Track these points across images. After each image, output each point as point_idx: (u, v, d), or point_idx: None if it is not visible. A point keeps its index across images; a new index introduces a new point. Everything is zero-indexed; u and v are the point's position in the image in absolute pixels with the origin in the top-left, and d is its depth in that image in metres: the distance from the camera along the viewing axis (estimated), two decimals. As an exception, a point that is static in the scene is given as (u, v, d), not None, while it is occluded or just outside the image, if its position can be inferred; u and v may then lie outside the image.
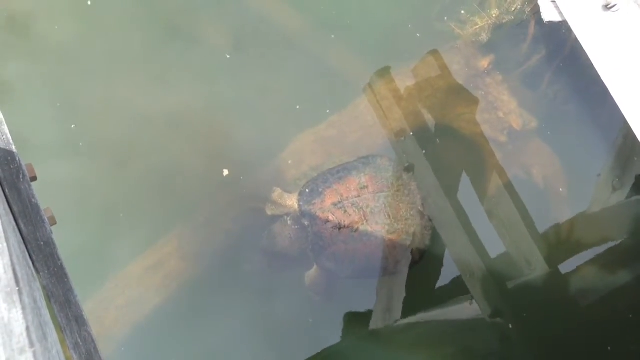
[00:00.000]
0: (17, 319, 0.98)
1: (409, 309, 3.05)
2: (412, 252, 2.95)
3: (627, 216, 3.20)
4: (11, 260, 1.10)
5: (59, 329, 1.66)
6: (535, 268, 3.09)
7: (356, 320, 3.04)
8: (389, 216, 2.90)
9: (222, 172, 2.99)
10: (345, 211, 2.85)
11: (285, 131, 3.12)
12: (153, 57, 3.20)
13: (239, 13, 3.27)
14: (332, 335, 2.99)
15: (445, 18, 3.22)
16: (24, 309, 1.01)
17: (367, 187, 2.92)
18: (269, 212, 2.98)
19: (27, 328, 0.99)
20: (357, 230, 2.84)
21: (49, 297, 1.66)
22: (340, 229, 2.83)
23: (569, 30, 2.46)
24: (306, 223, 2.88)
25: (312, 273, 2.95)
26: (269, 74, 3.22)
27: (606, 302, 3.09)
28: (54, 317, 1.64)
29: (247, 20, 3.27)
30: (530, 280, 3.08)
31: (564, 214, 3.15)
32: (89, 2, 3.08)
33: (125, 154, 3.07)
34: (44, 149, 3.01)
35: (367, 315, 3.05)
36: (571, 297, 3.11)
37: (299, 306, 3.01)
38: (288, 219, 2.94)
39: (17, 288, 1.03)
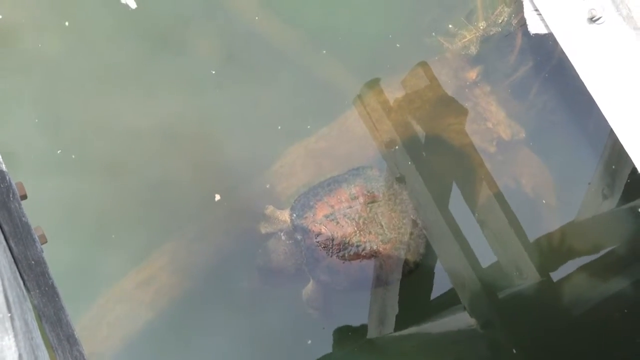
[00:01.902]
0: (9, 347, 0.96)
1: (402, 319, 3.05)
2: (406, 261, 2.95)
3: (618, 224, 3.22)
4: (2, 285, 1.09)
5: (50, 348, 1.64)
6: (527, 277, 3.10)
7: (351, 332, 3.03)
8: (382, 225, 2.90)
9: (214, 196, 2.99)
10: (338, 222, 2.86)
11: (275, 145, 3.13)
12: (142, 71, 3.20)
13: (229, 27, 3.28)
14: (326, 347, 2.98)
15: (433, 33, 3.26)
16: (16, 335, 0.99)
17: (357, 197, 2.92)
18: (262, 230, 2.98)
19: (20, 356, 0.97)
20: (350, 241, 2.85)
21: (40, 317, 1.64)
22: (333, 240, 2.84)
23: (555, 41, 2.49)
24: (299, 237, 2.88)
25: (308, 288, 2.94)
26: (259, 87, 3.23)
27: (599, 309, 3.11)
28: (44, 337, 1.63)
29: (237, 35, 3.28)
30: (522, 289, 3.09)
31: (554, 223, 3.17)
32: (67, 23, 3.08)
33: (114, 168, 3.06)
34: (32, 165, 2.99)
35: (361, 327, 3.05)
36: (564, 305, 3.12)
37: (295, 322, 3.00)
38: (282, 234, 2.94)
39: (9, 314, 1.01)
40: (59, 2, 3.19)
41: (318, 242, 2.84)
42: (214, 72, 3.17)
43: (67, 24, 3.12)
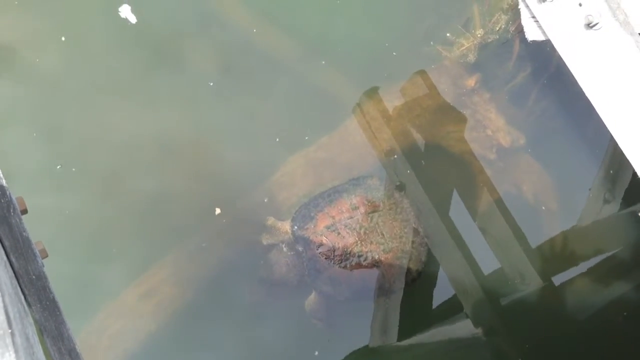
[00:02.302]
0: (10, 364, 0.96)
1: (405, 328, 3.04)
2: (409, 270, 2.94)
3: (619, 228, 3.22)
4: (3, 301, 1.08)
5: (52, 363, 1.64)
6: (529, 283, 3.10)
7: (354, 342, 3.02)
8: (383, 235, 2.90)
9: (215, 210, 2.99)
10: (339, 233, 2.85)
11: (274, 155, 3.13)
12: (141, 84, 3.20)
13: (227, 39, 3.29)
14: (334, 358, 2.97)
15: (432, 42, 3.27)
16: (16, 351, 0.99)
17: (358, 207, 2.92)
18: (264, 242, 2.98)
19: (21, 372, 0.97)
20: (351, 251, 2.84)
21: (41, 331, 1.64)
22: (334, 251, 2.83)
23: (552, 48, 2.49)
24: (300, 249, 2.87)
25: (311, 299, 2.94)
26: (258, 98, 3.24)
27: (601, 314, 3.10)
28: (46, 351, 1.62)
29: (235, 46, 3.29)
30: (524, 295, 3.08)
31: (555, 229, 3.17)
32: (63, 38, 3.10)
33: (114, 182, 3.06)
34: (32, 180, 3.00)
35: (365, 336, 3.04)
36: (566, 311, 3.12)
37: (301, 333, 2.99)
38: (283, 246, 2.94)
39: (10, 330, 1.01)
40: (56, 17, 3.21)
41: (319, 253, 2.83)
42: (212, 84, 3.18)
43: (63, 38, 3.13)
